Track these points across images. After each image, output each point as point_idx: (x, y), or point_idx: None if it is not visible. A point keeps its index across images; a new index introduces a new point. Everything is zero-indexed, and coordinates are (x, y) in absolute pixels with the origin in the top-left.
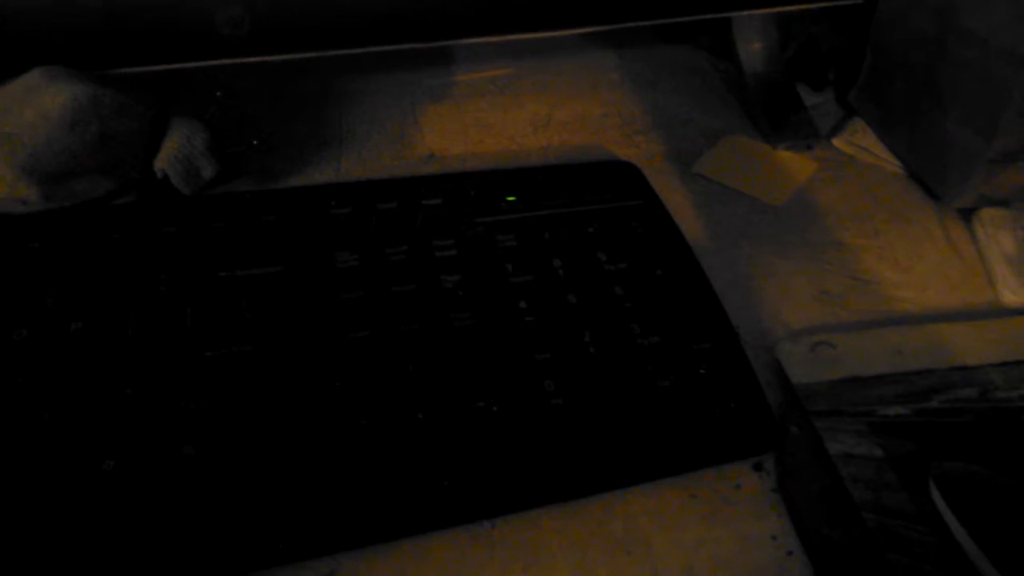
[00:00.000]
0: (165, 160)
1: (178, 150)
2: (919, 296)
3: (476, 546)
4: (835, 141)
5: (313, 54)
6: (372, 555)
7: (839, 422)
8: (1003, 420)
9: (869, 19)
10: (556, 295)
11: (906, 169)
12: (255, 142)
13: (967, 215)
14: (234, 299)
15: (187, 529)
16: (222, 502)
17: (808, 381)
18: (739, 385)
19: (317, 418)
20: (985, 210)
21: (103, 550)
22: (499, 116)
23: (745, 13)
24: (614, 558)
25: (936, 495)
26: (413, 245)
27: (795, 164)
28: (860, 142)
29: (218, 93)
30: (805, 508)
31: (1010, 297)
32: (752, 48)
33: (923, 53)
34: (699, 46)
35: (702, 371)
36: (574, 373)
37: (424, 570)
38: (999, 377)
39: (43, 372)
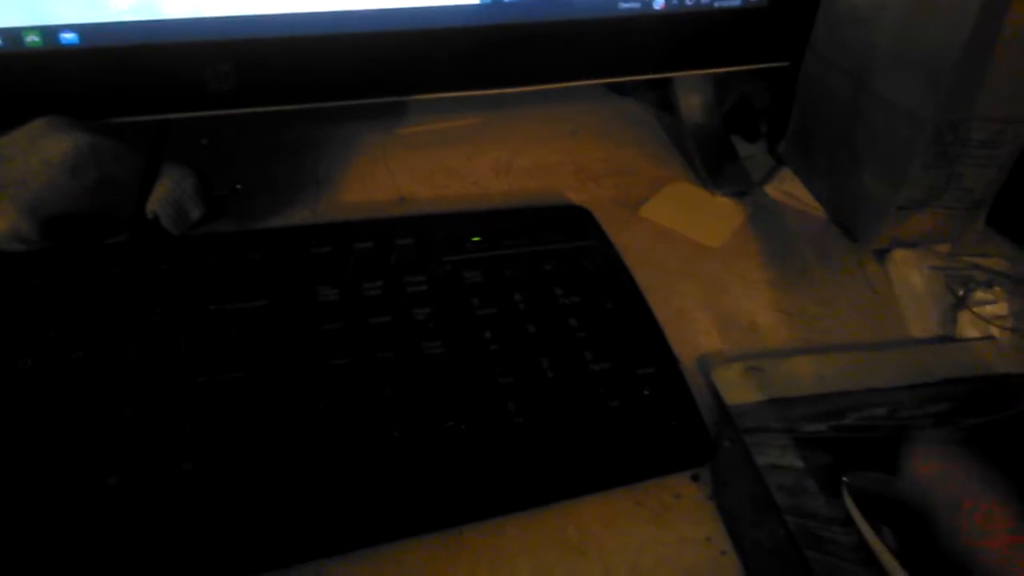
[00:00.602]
0: (156, 202)
1: (169, 193)
2: (838, 327)
3: (447, 550)
4: (766, 188)
5: (292, 107)
6: (354, 560)
7: (766, 437)
8: (908, 434)
9: (794, 80)
10: (517, 326)
11: (828, 214)
12: (238, 186)
13: (881, 255)
14: (224, 330)
15: (185, 537)
16: (218, 513)
17: (739, 402)
18: (678, 405)
19: (303, 437)
20: (897, 251)
21: (107, 559)
22: (464, 162)
23: (685, 74)
24: (569, 559)
25: (848, 501)
26: (388, 281)
27: (731, 209)
28: (788, 189)
29: (204, 141)
30: (736, 513)
31: (917, 328)
32: (691, 103)
33: (841, 112)
34: (644, 100)
35: (646, 393)
36: (534, 395)
37: (401, 572)
38: (906, 397)
39: (48, 397)
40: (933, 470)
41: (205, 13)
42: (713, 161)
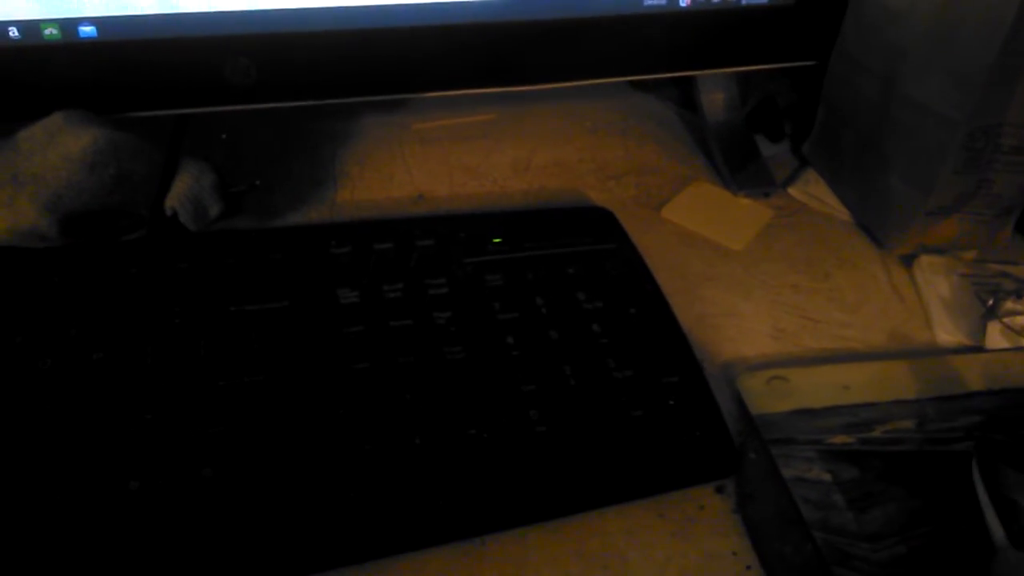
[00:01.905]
0: (175, 199)
1: (188, 189)
2: (864, 335)
3: (468, 561)
4: (790, 189)
5: (312, 102)
6: (374, 569)
7: (792, 449)
8: (937, 449)
9: (821, 79)
10: (539, 331)
11: (853, 217)
12: (257, 182)
13: (908, 261)
14: (244, 332)
15: (205, 543)
16: (238, 519)
17: (765, 412)
18: (703, 415)
19: (323, 443)
20: (924, 257)
21: (129, 563)
22: (482, 160)
23: (709, 72)
24: (592, 572)
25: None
26: (408, 283)
27: (754, 211)
28: (812, 191)
29: (223, 135)
30: (762, 527)
31: (945, 337)
32: (714, 100)
33: (869, 113)
34: (666, 97)
35: (670, 402)
36: (556, 403)
37: None
38: (934, 410)
39: (68, 399)
40: None
41: (225, 7)
42: (736, 160)
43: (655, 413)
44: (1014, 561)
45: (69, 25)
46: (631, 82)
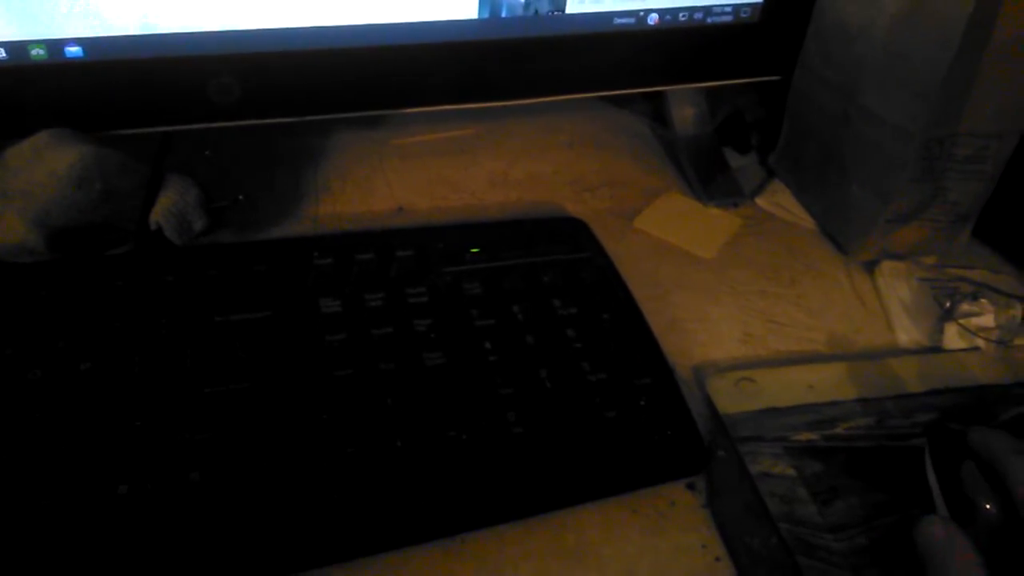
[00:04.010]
0: (160, 213)
1: (172, 204)
2: (828, 337)
3: (448, 558)
4: (757, 200)
5: (294, 119)
6: (357, 567)
7: (759, 447)
8: (896, 445)
9: (786, 94)
10: (516, 337)
11: (818, 226)
12: (240, 197)
13: (870, 267)
14: (229, 341)
15: (193, 546)
16: (224, 522)
17: (733, 411)
18: (674, 415)
19: (307, 447)
20: (885, 262)
21: (118, 567)
22: (460, 173)
23: (678, 87)
24: (568, 567)
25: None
26: (389, 292)
27: (723, 220)
28: (779, 201)
29: (207, 152)
30: (730, 520)
31: (904, 338)
32: (684, 115)
33: (830, 126)
34: (639, 111)
35: (642, 403)
36: (533, 405)
37: None
38: (893, 407)
39: (58, 408)
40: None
41: (207, 28)
42: (705, 172)
43: (628, 414)
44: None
45: (56, 46)
46: (605, 97)
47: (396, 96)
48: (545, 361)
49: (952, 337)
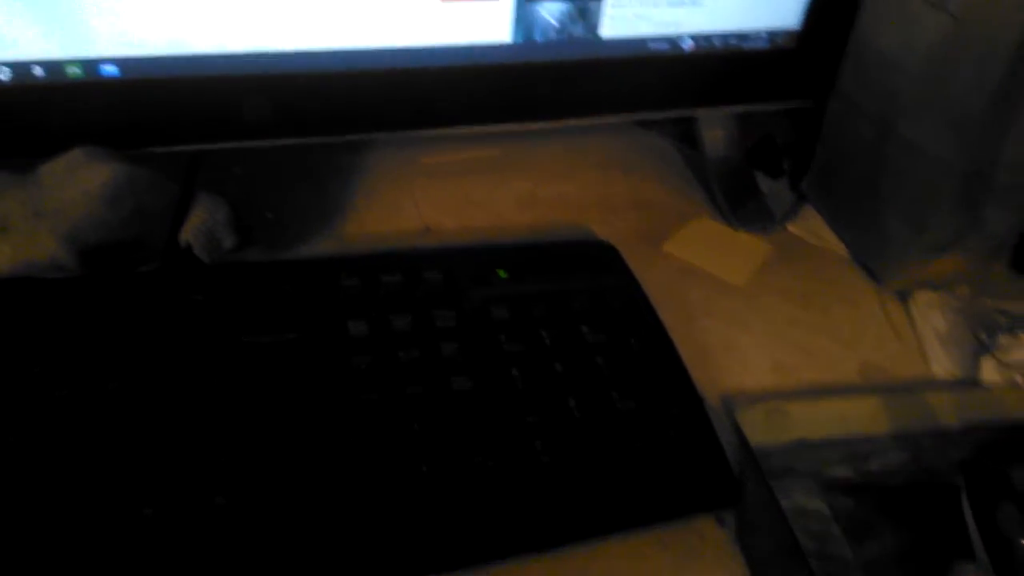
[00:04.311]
0: (190, 232)
1: (202, 223)
2: (861, 368)
3: None
4: (789, 226)
5: (324, 139)
6: None
7: (791, 481)
8: (932, 481)
9: (820, 120)
10: (544, 364)
11: (851, 253)
12: (269, 215)
13: (904, 297)
14: (256, 363)
15: (218, 570)
16: (249, 547)
17: (764, 443)
18: (704, 447)
19: (332, 472)
20: (920, 293)
21: None
22: (487, 193)
23: (710, 111)
24: None
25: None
26: (416, 315)
27: (753, 246)
28: (810, 227)
29: (236, 169)
30: (760, 556)
31: (940, 371)
32: (715, 137)
33: (865, 153)
34: (668, 133)
35: (672, 434)
36: (561, 434)
37: None
38: (928, 443)
39: (84, 427)
40: None
41: (240, 49)
42: (735, 196)
43: (657, 445)
44: None
45: (92, 64)
46: (634, 119)
47: (429, 117)
48: (573, 389)
49: (989, 371)
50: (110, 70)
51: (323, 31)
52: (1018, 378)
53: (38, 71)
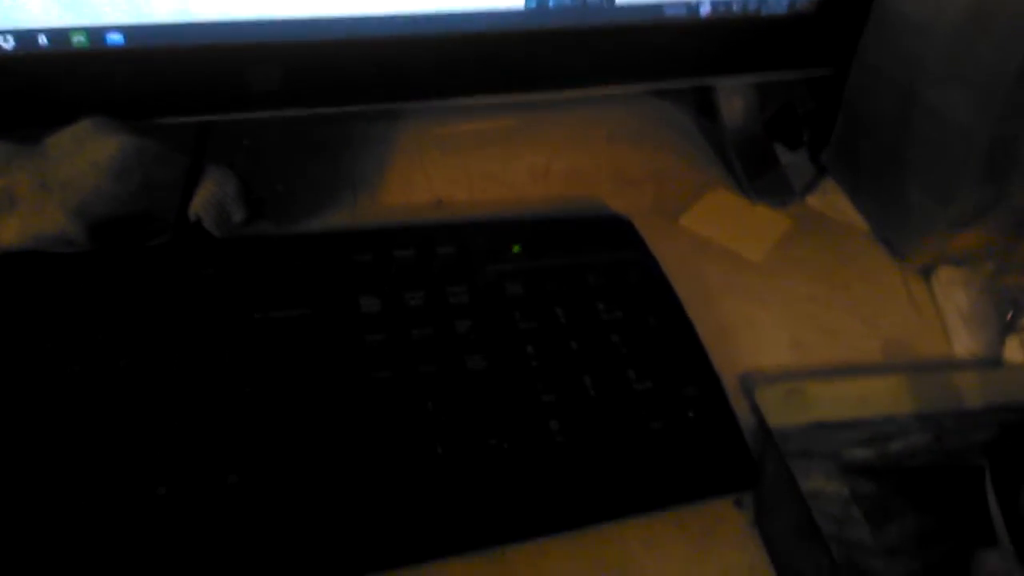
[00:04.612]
0: (200, 205)
1: (212, 196)
2: (882, 347)
3: (489, 570)
4: (808, 199)
5: (334, 109)
6: None
7: (810, 462)
8: (954, 464)
9: (841, 88)
10: (559, 342)
11: (872, 228)
12: (279, 188)
13: (926, 273)
14: (268, 339)
15: (231, 548)
16: (262, 525)
17: (782, 424)
18: (722, 428)
19: (346, 451)
20: (943, 269)
21: (156, 564)
22: (500, 166)
23: (728, 80)
24: None
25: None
26: (429, 291)
27: (772, 220)
28: (831, 201)
29: (245, 141)
30: (779, 540)
31: (963, 350)
32: (733, 108)
33: (888, 123)
34: (684, 103)
35: (690, 415)
36: (577, 414)
37: None
38: (951, 424)
39: (97, 404)
40: None
41: (247, 16)
42: (754, 168)
43: (674, 425)
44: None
45: (97, 33)
46: (649, 88)
47: (437, 87)
48: (589, 368)
49: (1013, 350)
50: (115, 39)
51: None
52: None
53: (43, 40)
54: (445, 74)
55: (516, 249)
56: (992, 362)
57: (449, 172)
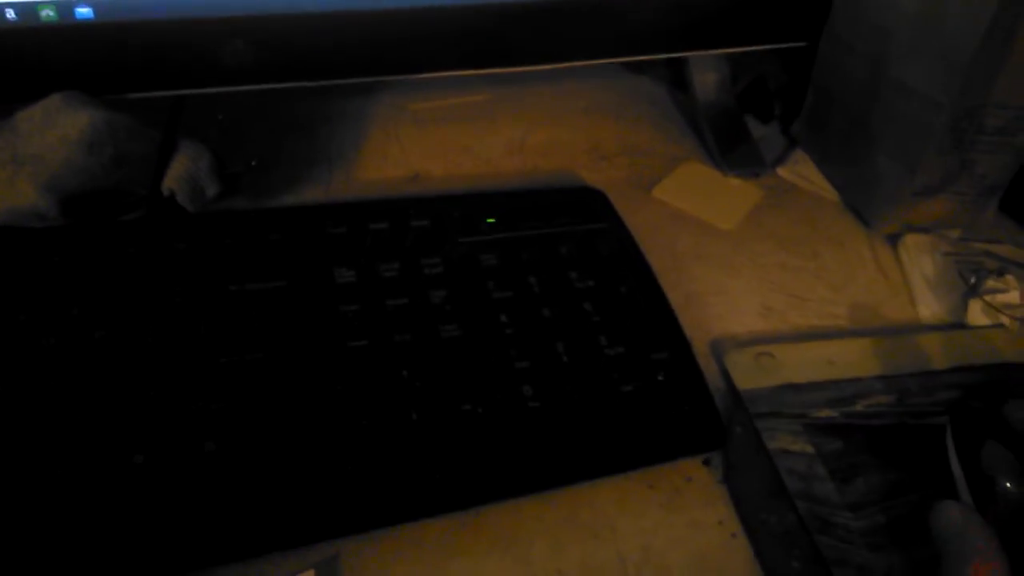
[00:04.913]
0: (173, 180)
1: (185, 171)
2: (849, 312)
3: (464, 531)
4: (779, 170)
5: (308, 83)
6: (372, 539)
7: (777, 423)
8: (917, 423)
9: (811, 62)
10: (533, 310)
11: (841, 197)
12: (253, 163)
13: (893, 240)
14: (243, 311)
15: (208, 516)
16: (240, 492)
17: (751, 387)
18: (691, 390)
19: (322, 418)
20: (909, 235)
21: (135, 532)
22: (476, 140)
23: (701, 53)
24: (584, 541)
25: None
26: (404, 262)
27: (743, 191)
28: (801, 171)
29: (219, 116)
30: (747, 497)
31: (927, 314)
32: (706, 81)
33: (857, 95)
34: (659, 77)
35: (660, 378)
36: (549, 379)
37: (419, 552)
38: (915, 385)
39: (72, 376)
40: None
41: None
42: (726, 140)
43: (645, 388)
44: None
45: (65, 6)
46: (624, 63)
47: (413, 61)
48: (562, 334)
49: (976, 313)
50: (84, 12)
51: None
52: (1004, 319)
53: (10, 14)
54: (420, 49)
55: (490, 220)
56: (956, 326)
57: (425, 146)
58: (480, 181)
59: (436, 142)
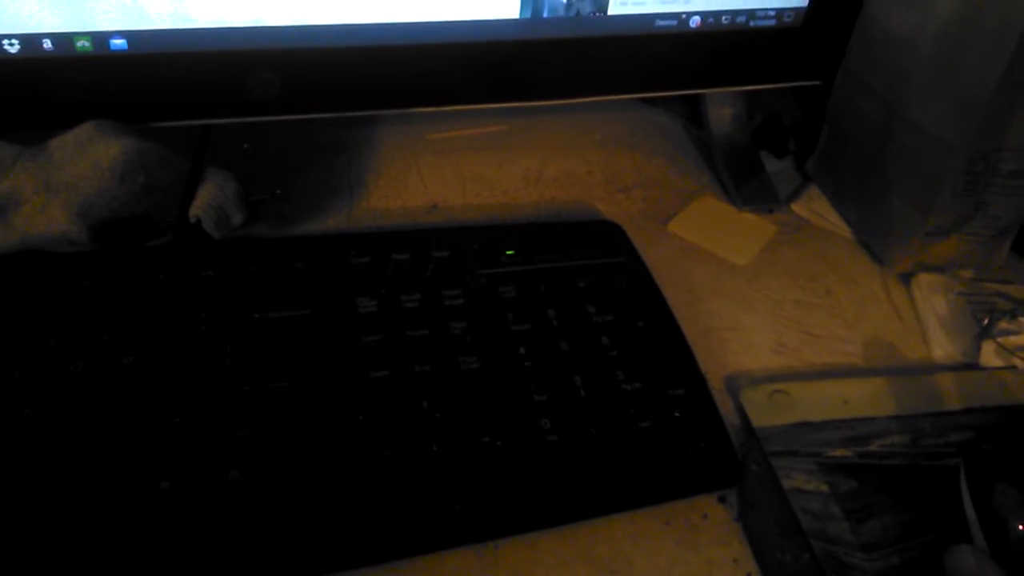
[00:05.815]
0: (200, 207)
1: (212, 198)
2: (863, 351)
3: (481, 563)
4: (793, 206)
5: (332, 115)
6: (391, 570)
7: (792, 461)
8: (931, 464)
9: (826, 99)
10: (551, 343)
11: (855, 234)
12: (277, 191)
13: (906, 279)
14: (268, 339)
15: (231, 542)
16: (262, 520)
17: (766, 424)
18: (707, 427)
19: (344, 448)
20: (922, 275)
21: (159, 558)
22: (494, 170)
23: (717, 91)
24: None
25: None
26: (425, 293)
27: (758, 226)
28: (815, 208)
29: (245, 145)
30: (762, 535)
31: (940, 354)
32: (721, 116)
33: (871, 134)
34: (674, 111)
35: (676, 414)
36: (567, 413)
37: None
38: (928, 426)
39: (100, 401)
40: None
41: (246, 23)
42: (741, 175)
43: (661, 424)
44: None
45: (100, 38)
46: (640, 96)
47: (434, 94)
48: (579, 368)
49: (989, 355)
50: (119, 44)
51: (330, 6)
52: (1018, 362)
53: (47, 44)
54: (441, 82)
55: (509, 253)
56: (969, 366)
57: (444, 177)
58: (497, 211)
59: (454, 172)
